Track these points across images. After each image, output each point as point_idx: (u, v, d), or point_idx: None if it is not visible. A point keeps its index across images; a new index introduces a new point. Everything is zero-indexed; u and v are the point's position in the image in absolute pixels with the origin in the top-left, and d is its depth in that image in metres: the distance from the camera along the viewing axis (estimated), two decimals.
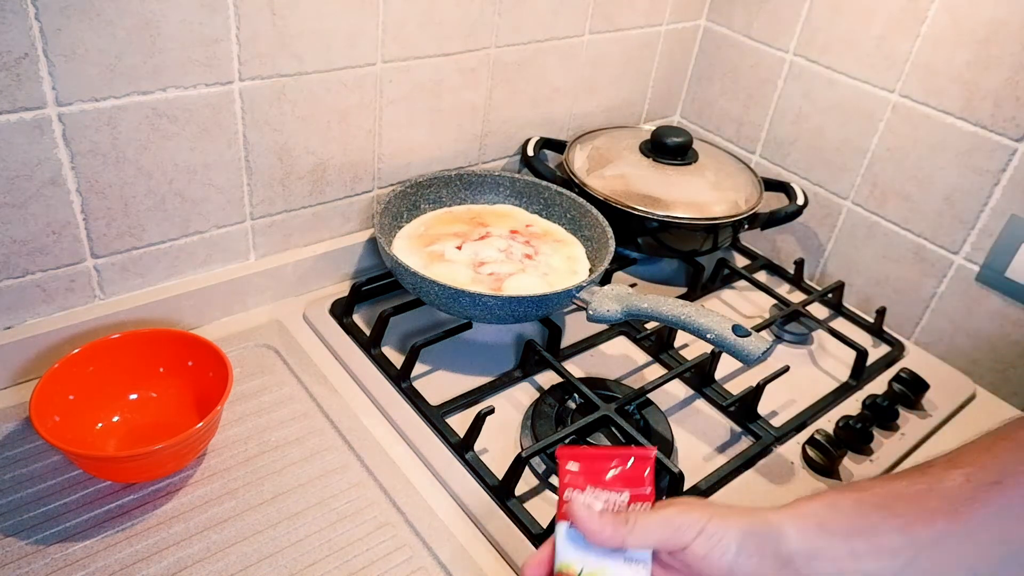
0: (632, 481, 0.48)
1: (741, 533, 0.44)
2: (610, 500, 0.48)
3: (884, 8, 0.94)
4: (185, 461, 0.66)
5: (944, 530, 0.43)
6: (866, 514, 0.45)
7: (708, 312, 0.74)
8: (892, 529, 0.44)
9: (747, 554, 0.43)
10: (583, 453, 0.50)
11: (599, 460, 0.49)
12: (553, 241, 0.93)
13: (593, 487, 0.48)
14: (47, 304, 0.72)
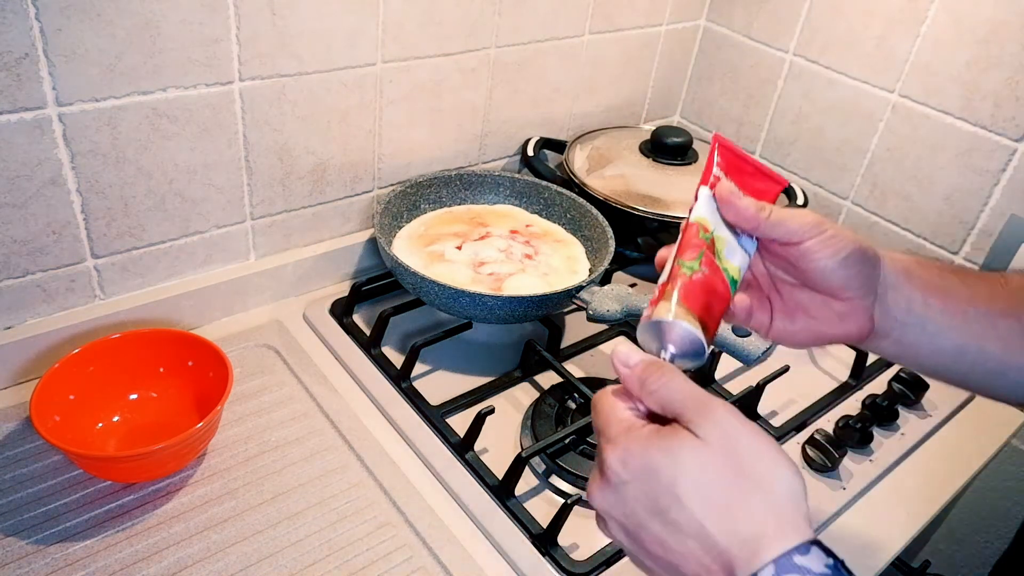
0: (761, 195, 0.51)
1: (853, 246, 0.49)
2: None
3: (884, 8, 0.94)
4: (185, 461, 0.66)
5: (1004, 310, 0.51)
6: (946, 278, 0.52)
7: None
8: (962, 298, 0.51)
9: (848, 265, 0.49)
10: (737, 155, 0.52)
11: (745, 166, 0.52)
12: (553, 241, 0.93)
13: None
14: (47, 304, 0.72)
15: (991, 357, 0.51)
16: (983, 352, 0.51)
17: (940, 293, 0.51)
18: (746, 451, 0.37)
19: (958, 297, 0.51)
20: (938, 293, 0.51)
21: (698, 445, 0.38)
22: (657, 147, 1.00)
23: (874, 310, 0.50)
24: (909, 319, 0.51)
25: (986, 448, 0.84)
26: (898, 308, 0.51)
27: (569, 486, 0.70)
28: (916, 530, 0.73)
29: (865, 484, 0.76)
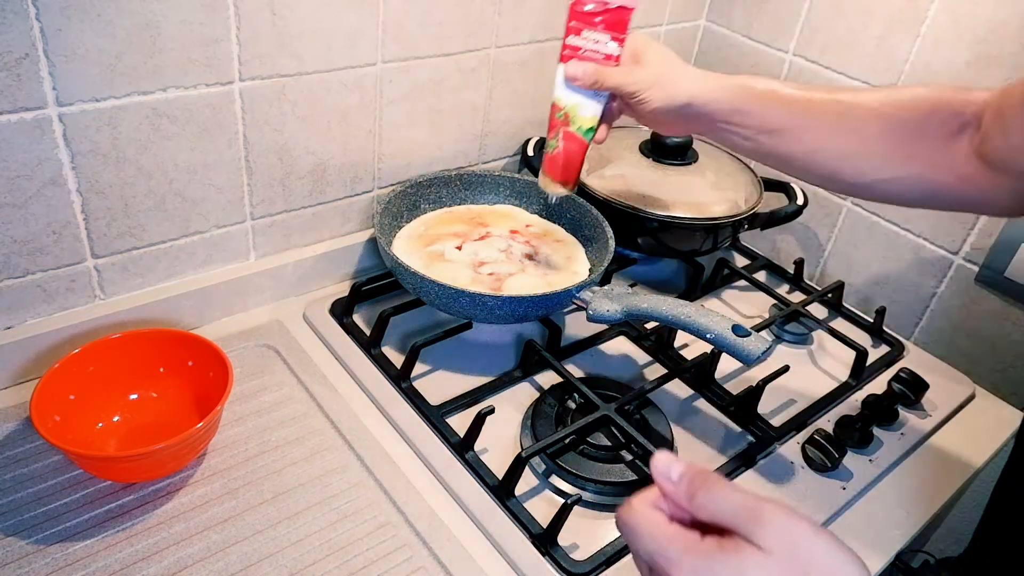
0: (615, 26, 0.69)
1: (675, 103, 0.68)
2: (599, 40, 0.70)
3: (884, 8, 0.94)
4: (185, 461, 0.66)
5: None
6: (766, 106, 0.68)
7: (708, 312, 0.74)
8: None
9: (670, 113, 0.69)
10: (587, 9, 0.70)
11: (596, 12, 0.69)
12: (553, 241, 0.93)
13: (589, 29, 0.70)
14: (47, 304, 0.72)
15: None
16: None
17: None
18: (810, 553, 0.37)
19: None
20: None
21: (763, 557, 0.37)
22: (657, 147, 1.00)
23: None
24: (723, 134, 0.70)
25: (986, 448, 0.84)
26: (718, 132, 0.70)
27: (569, 486, 0.70)
28: (916, 530, 0.73)
29: (865, 484, 0.76)
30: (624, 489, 0.70)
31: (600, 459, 0.72)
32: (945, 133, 0.63)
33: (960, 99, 0.63)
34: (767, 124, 0.67)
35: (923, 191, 0.65)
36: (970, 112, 0.62)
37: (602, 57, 0.70)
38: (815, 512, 0.71)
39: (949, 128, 0.62)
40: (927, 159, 0.64)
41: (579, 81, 0.70)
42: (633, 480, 0.70)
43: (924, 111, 0.64)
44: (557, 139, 0.73)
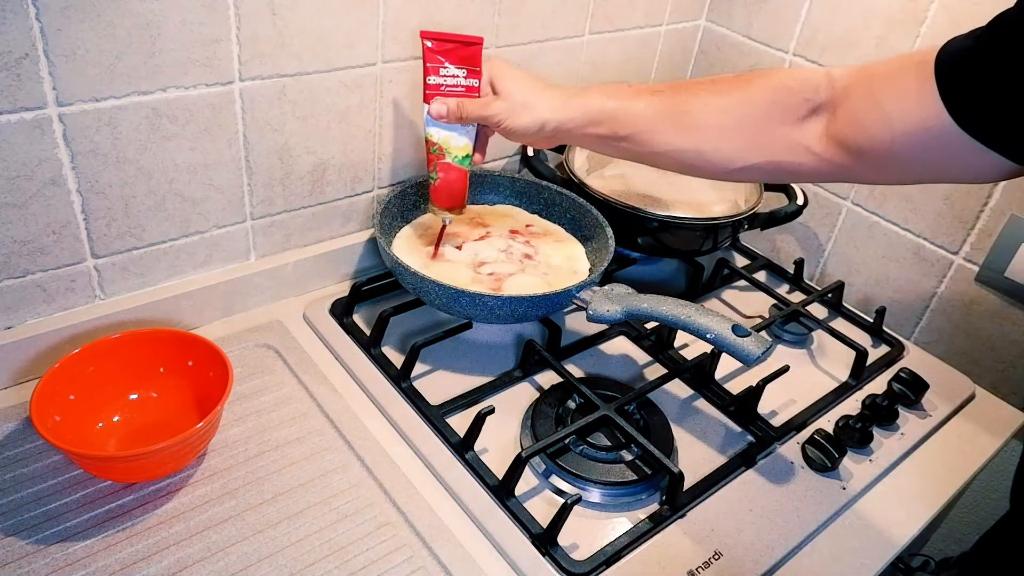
0: (468, 60, 0.74)
1: (536, 127, 0.73)
2: (456, 75, 0.74)
3: (884, 8, 0.94)
4: (185, 461, 0.66)
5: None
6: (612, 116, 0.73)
7: (708, 312, 0.74)
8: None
9: (533, 136, 0.75)
10: (435, 36, 0.74)
11: (451, 45, 0.74)
12: (553, 241, 0.93)
13: (446, 63, 0.74)
14: (47, 304, 0.72)
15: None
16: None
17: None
18: None
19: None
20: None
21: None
22: None
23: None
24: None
25: (986, 448, 0.84)
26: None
27: (569, 486, 0.70)
28: (916, 530, 0.73)
29: (865, 484, 0.76)
30: (624, 489, 0.70)
31: (600, 459, 0.72)
32: (793, 119, 0.65)
33: (806, 84, 0.64)
34: (618, 132, 0.72)
35: (785, 173, 0.68)
36: (822, 97, 0.63)
37: (463, 90, 0.75)
38: (815, 512, 0.71)
39: (797, 114, 0.64)
40: (779, 145, 0.66)
41: (444, 118, 0.75)
42: (633, 480, 0.70)
43: (765, 103, 0.66)
44: (435, 171, 0.78)
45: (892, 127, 0.58)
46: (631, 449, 0.73)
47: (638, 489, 0.70)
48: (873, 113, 0.59)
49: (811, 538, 0.70)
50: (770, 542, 0.68)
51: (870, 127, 0.59)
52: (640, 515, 0.69)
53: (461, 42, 0.74)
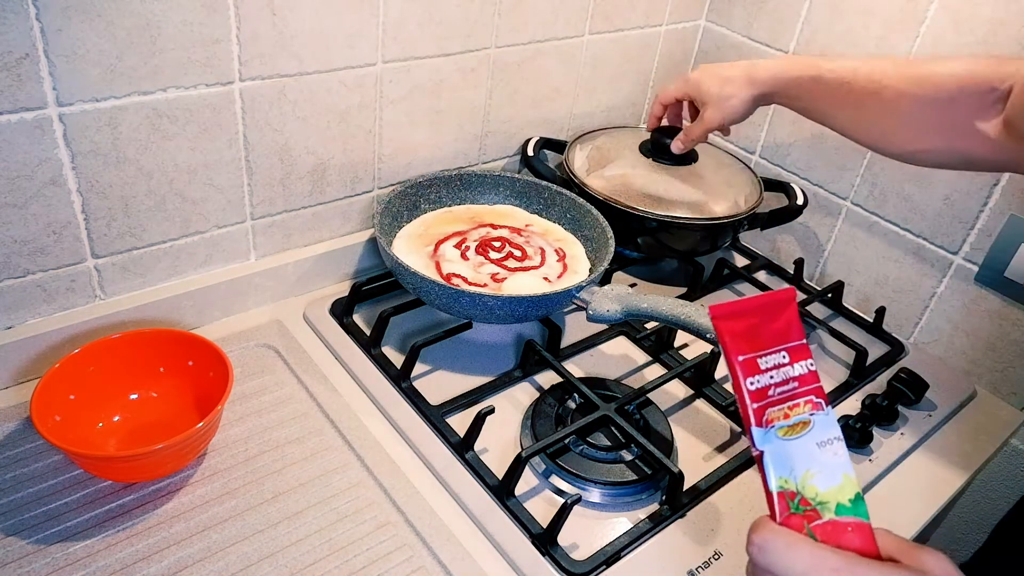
0: (785, 332, 0.45)
1: (745, 112, 0.85)
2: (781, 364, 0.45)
3: (884, 8, 0.94)
4: (185, 461, 0.66)
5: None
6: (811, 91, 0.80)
7: (708, 312, 0.74)
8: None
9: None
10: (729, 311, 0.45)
11: (754, 320, 0.45)
12: (553, 241, 0.93)
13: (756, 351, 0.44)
14: (48, 304, 0.72)
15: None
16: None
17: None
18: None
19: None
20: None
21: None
22: (657, 147, 1.00)
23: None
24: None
25: (986, 448, 0.84)
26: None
27: (569, 486, 0.70)
28: (916, 530, 0.73)
29: (865, 484, 0.76)
30: (624, 489, 0.70)
31: (600, 459, 0.72)
32: (978, 107, 0.65)
33: (997, 74, 0.65)
34: (814, 106, 0.79)
35: (959, 160, 0.70)
36: (1006, 87, 0.64)
37: (795, 387, 0.45)
38: None
39: (983, 102, 0.65)
40: (960, 132, 0.67)
41: (681, 150, 0.93)
42: (633, 480, 0.70)
43: (954, 89, 0.67)
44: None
45: None
46: (631, 449, 0.73)
47: (638, 489, 0.70)
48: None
49: None
50: None
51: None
52: (640, 515, 0.69)
53: (765, 307, 0.45)
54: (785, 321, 0.45)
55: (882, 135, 0.74)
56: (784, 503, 0.42)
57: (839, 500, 0.42)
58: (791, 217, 1.01)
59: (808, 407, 0.44)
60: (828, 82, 0.76)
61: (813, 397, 0.44)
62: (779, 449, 0.43)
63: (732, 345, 0.44)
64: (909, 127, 0.71)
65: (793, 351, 0.45)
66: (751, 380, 0.44)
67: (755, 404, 0.43)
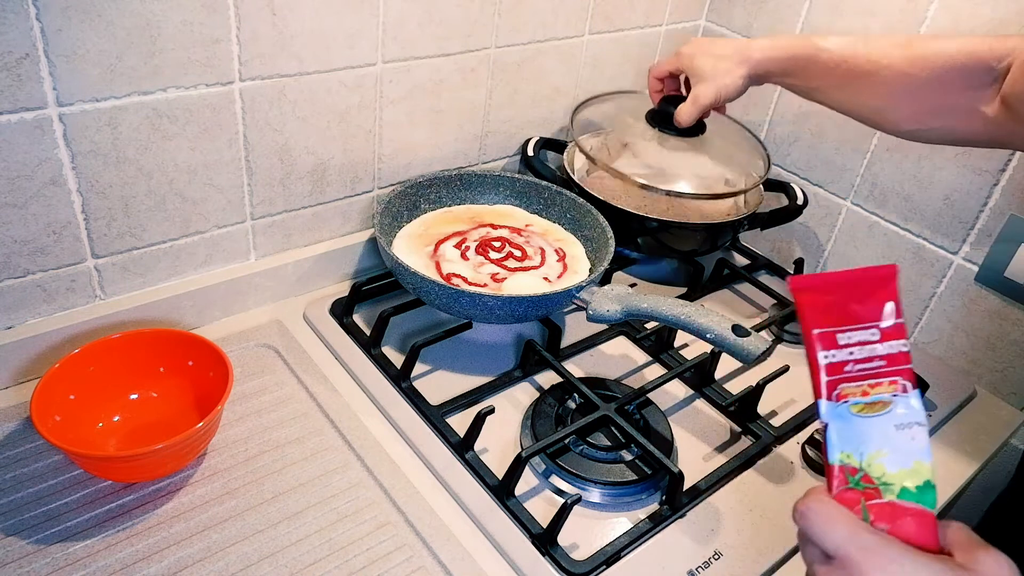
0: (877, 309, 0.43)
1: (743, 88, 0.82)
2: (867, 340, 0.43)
3: (884, 8, 0.94)
4: (185, 461, 0.66)
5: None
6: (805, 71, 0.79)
7: (708, 312, 0.74)
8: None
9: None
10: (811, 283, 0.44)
11: (840, 295, 0.44)
12: (553, 241, 0.93)
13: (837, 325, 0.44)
14: (48, 304, 0.72)
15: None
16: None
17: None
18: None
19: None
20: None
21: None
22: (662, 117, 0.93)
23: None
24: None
25: (986, 448, 0.84)
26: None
27: (569, 486, 0.70)
28: None
29: None
30: (624, 489, 0.70)
31: (600, 459, 0.72)
32: (974, 86, 0.66)
33: (993, 52, 0.65)
34: (809, 84, 0.79)
35: (955, 137, 0.71)
36: (1003, 66, 0.64)
37: (883, 365, 0.43)
38: None
39: (980, 82, 0.65)
40: (956, 111, 0.68)
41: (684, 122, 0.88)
42: (633, 480, 0.70)
43: (950, 68, 0.67)
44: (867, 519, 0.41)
45: None
46: (631, 449, 0.73)
47: (638, 489, 0.70)
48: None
49: None
50: (770, 542, 0.68)
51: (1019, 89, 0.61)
52: (640, 515, 0.69)
53: (857, 282, 0.43)
54: (881, 298, 0.43)
55: (878, 114, 0.74)
56: (842, 477, 0.41)
57: (905, 484, 0.41)
58: (791, 217, 1.01)
59: (892, 388, 0.42)
60: (824, 62, 0.75)
61: (900, 379, 0.42)
62: (848, 424, 0.42)
63: (809, 317, 0.44)
64: (906, 106, 0.71)
65: (887, 330, 0.43)
66: (825, 354, 0.44)
67: (828, 377, 0.43)
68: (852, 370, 0.43)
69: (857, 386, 0.43)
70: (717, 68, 0.81)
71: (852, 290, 0.43)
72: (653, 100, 0.94)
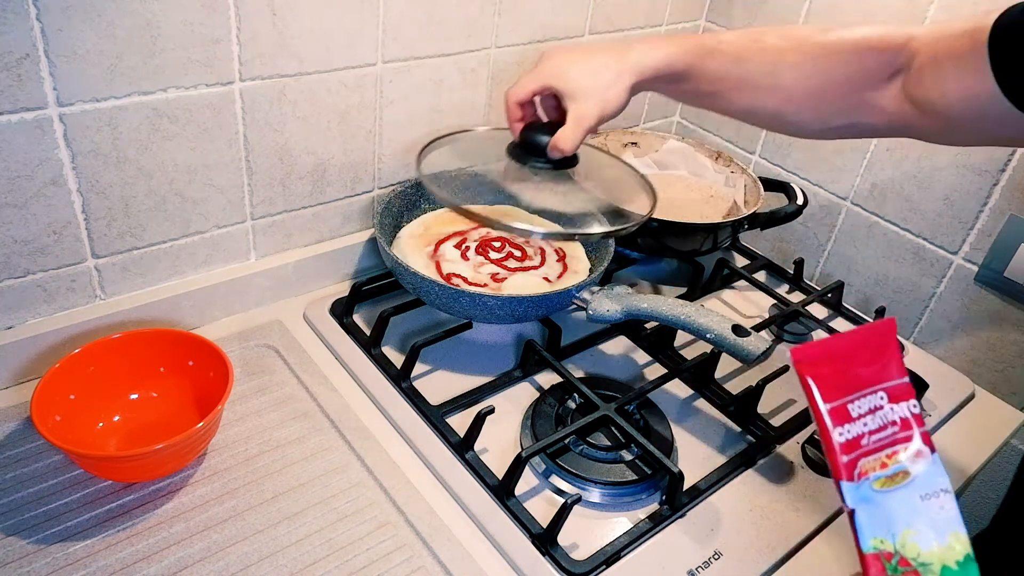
0: (882, 370, 0.40)
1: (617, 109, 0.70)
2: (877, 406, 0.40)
3: (884, 8, 0.94)
4: (186, 461, 0.66)
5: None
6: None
7: (708, 312, 0.74)
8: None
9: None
10: (810, 353, 0.40)
11: (840, 359, 0.40)
12: (553, 240, 0.93)
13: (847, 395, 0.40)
14: (48, 304, 0.73)
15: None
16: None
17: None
18: None
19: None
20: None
21: None
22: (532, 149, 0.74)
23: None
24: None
25: (986, 448, 0.84)
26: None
27: (569, 486, 0.70)
28: None
29: None
30: (624, 489, 0.70)
31: (600, 459, 0.72)
32: (876, 81, 0.64)
33: (892, 45, 0.63)
34: (701, 88, 0.71)
35: (859, 132, 0.68)
36: (903, 59, 0.63)
37: (896, 429, 0.41)
38: (814, 512, 0.71)
39: (881, 76, 0.64)
40: (859, 107, 0.65)
41: (559, 153, 0.71)
42: (633, 480, 0.70)
43: (852, 64, 0.64)
44: None
45: (947, 90, 0.58)
46: (631, 449, 0.73)
47: (638, 489, 0.70)
48: (934, 75, 0.60)
49: (811, 538, 0.70)
50: (770, 542, 0.68)
51: (930, 88, 0.60)
52: (640, 515, 0.69)
53: (858, 344, 0.41)
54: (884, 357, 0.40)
55: (779, 117, 0.69)
56: (879, 566, 0.39)
57: (945, 562, 0.38)
58: (791, 217, 1.01)
59: (911, 453, 0.40)
60: (717, 63, 0.69)
61: (918, 444, 0.40)
62: (874, 505, 0.39)
63: (819, 392, 0.40)
64: (807, 109, 0.68)
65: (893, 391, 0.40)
66: (840, 430, 0.40)
67: (846, 457, 0.39)
68: (868, 443, 0.40)
69: (875, 459, 0.40)
70: (597, 81, 0.68)
71: (855, 354, 0.41)
72: (514, 131, 0.74)
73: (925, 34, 0.62)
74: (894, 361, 0.41)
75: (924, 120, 0.62)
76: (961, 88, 0.57)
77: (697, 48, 0.69)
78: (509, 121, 0.75)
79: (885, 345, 0.41)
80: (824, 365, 0.40)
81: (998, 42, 0.54)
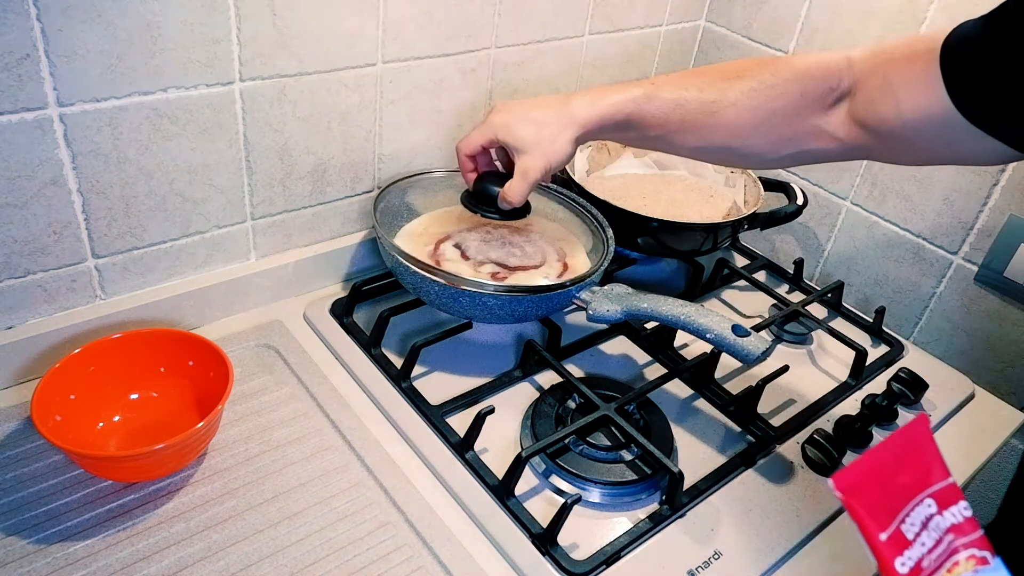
0: (925, 475, 0.38)
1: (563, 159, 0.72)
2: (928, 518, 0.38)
3: (884, 8, 0.94)
4: (186, 461, 0.66)
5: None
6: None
7: (708, 312, 0.74)
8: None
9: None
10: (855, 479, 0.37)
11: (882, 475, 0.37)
12: (553, 241, 0.93)
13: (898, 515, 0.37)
14: (48, 304, 0.73)
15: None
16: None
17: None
18: None
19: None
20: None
21: None
22: (483, 199, 0.79)
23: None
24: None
25: (986, 448, 0.84)
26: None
27: (569, 486, 0.70)
28: None
29: None
30: (624, 489, 0.70)
31: (600, 459, 0.72)
32: (820, 109, 0.64)
33: (831, 71, 0.63)
34: (646, 134, 0.71)
35: (813, 158, 0.68)
36: (845, 84, 0.63)
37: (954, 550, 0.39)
38: (814, 512, 0.71)
39: (823, 103, 0.64)
40: (807, 135, 0.66)
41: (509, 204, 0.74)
42: (633, 480, 0.70)
43: (793, 96, 0.65)
44: None
45: (901, 110, 0.58)
46: (631, 449, 0.73)
47: (638, 489, 0.70)
48: (886, 96, 0.60)
49: (811, 538, 0.70)
50: (770, 542, 0.68)
51: (883, 110, 0.60)
52: (640, 515, 0.69)
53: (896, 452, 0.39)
54: (923, 458, 0.37)
55: (729, 152, 0.70)
56: None
57: None
58: (791, 217, 1.01)
59: (971, 564, 0.37)
60: (658, 108, 0.68)
61: (975, 550, 0.37)
62: None
63: (871, 522, 0.35)
64: (755, 142, 0.68)
65: (940, 495, 0.38)
66: (901, 560, 0.35)
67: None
68: (929, 563, 0.37)
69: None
70: (541, 135, 0.70)
71: (894, 464, 0.38)
72: (467, 181, 0.79)
73: (868, 56, 0.62)
74: (936, 461, 0.38)
75: (878, 142, 0.62)
76: (915, 107, 0.57)
77: (637, 96, 0.69)
78: (462, 172, 0.78)
79: (923, 446, 0.38)
80: (869, 488, 0.37)
81: (950, 59, 0.54)
